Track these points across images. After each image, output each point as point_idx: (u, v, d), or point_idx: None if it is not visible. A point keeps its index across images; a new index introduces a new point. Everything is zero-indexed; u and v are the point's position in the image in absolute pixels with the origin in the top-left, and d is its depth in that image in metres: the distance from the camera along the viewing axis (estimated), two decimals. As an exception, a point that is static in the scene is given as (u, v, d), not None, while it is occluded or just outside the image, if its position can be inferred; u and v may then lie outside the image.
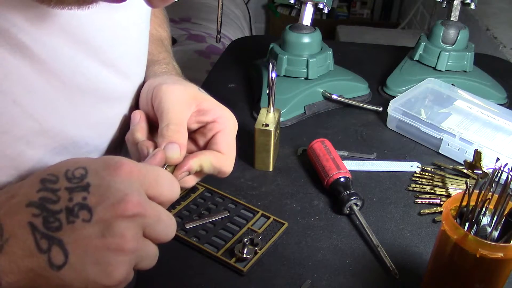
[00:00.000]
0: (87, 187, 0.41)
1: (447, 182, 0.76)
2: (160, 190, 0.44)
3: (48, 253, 0.40)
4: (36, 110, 0.48)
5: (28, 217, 0.40)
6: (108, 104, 0.57)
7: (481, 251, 0.49)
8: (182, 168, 0.52)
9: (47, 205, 0.40)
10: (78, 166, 0.42)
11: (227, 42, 1.82)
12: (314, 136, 0.80)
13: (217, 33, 0.91)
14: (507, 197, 0.51)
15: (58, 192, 0.41)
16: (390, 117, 0.88)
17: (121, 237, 0.40)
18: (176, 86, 0.56)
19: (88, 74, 0.53)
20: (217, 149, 0.55)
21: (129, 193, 0.41)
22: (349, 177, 0.72)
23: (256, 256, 0.62)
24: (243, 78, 1.03)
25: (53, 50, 0.48)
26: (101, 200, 0.41)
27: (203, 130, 0.57)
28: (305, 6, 0.91)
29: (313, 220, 0.69)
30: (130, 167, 0.42)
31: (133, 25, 0.58)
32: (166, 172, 0.46)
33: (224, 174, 0.56)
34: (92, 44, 0.52)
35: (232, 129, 0.57)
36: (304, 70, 0.91)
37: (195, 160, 0.53)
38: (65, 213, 0.40)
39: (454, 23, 0.98)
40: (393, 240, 0.66)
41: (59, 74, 0.49)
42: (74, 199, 0.41)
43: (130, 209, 0.40)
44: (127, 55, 0.57)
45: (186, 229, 0.65)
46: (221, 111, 0.57)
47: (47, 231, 0.40)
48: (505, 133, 0.83)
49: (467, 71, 0.99)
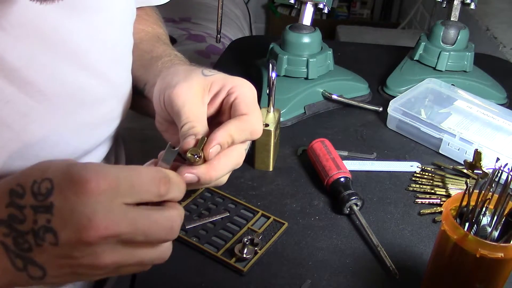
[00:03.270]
0: (51, 208, 0.39)
1: (447, 182, 0.76)
2: (137, 196, 0.41)
3: (25, 271, 0.40)
4: (12, 120, 0.48)
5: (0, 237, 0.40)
6: (88, 108, 0.55)
7: (481, 251, 0.49)
8: (211, 143, 0.48)
9: (15, 225, 0.40)
10: (45, 178, 0.40)
11: (227, 42, 1.82)
12: (314, 136, 0.80)
13: (217, 33, 0.91)
14: (507, 197, 0.51)
15: (24, 210, 0.40)
16: (390, 117, 0.88)
17: (92, 257, 0.39)
18: (183, 86, 0.52)
19: (65, 79, 0.51)
20: (239, 113, 0.52)
21: (93, 218, 0.38)
22: (349, 177, 0.72)
23: (256, 256, 0.62)
24: (243, 78, 1.03)
25: (26, 57, 0.46)
26: (65, 224, 0.39)
27: (224, 109, 0.54)
28: (305, 6, 0.91)
29: (313, 220, 0.69)
30: (96, 184, 0.38)
31: (110, 27, 0.57)
32: (142, 173, 0.41)
33: (256, 134, 0.52)
34: (67, 48, 0.51)
35: (248, 91, 0.54)
36: (304, 70, 0.90)
37: (221, 131, 0.49)
38: (32, 235, 0.39)
39: (454, 23, 0.98)
40: (393, 240, 0.66)
41: (34, 82, 0.48)
42: (39, 222, 0.39)
43: (94, 234, 0.38)
44: (105, 57, 0.56)
45: (186, 229, 0.65)
46: (232, 82, 0.54)
47: (20, 251, 0.40)
48: (505, 133, 0.83)
49: (467, 71, 0.99)
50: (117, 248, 0.40)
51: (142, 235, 0.40)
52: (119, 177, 0.40)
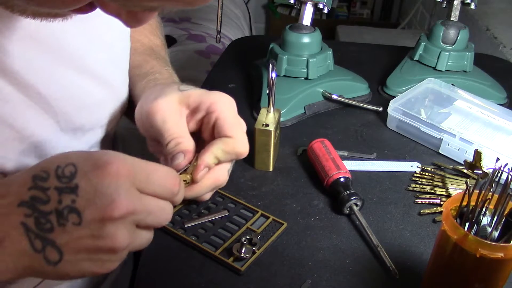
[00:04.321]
0: (76, 189, 0.41)
1: (447, 182, 0.76)
2: (152, 187, 0.44)
3: (43, 252, 0.41)
4: (13, 119, 0.48)
5: (20, 218, 0.41)
6: (87, 110, 0.56)
7: (481, 251, 0.49)
8: (199, 168, 0.52)
9: (38, 205, 0.41)
10: (68, 163, 0.42)
11: (227, 42, 1.82)
12: (314, 136, 0.80)
13: (217, 33, 0.91)
14: (507, 197, 0.51)
15: (48, 192, 0.41)
16: (390, 117, 0.88)
17: (111, 238, 0.41)
18: (159, 102, 0.54)
19: (64, 82, 0.52)
20: (223, 135, 0.54)
21: (116, 197, 0.41)
22: (349, 177, 0.72)
23: (254, 255, 0.62)
24: (243, 78, 1.03)
25: (26, 60, 0.47)
26: (89, 204, 0.41)
27: (205, 127, 0.57)
28: (305, 6, 0.91)
29: (313, 220, 0.69)
30: (118, 167, 0.42)
31: (107, 30, 0.57)
32: (159, 169, 0.45)
33: (242, 155, 0.55)
34: (65, 51, 0.51)
35: (228, 108, 0.56)
36: (304, 70, 0.90)
37: (207, 154, 0.52)
38: (55, 215, 0.41)
39: (454, 23, 0.98)
40: (393, 240, 0.66)
41: (34, 84, 0.49)
42: (64, 202, 0.41)
43: (118, 212, 0.41)
44: (102, 60, 0.56)
45: (185, 228, 0.65)
46: (209, 98, 0.56)
47: (40, 232, 0.41)
48: (505, 133, 0.83)
49: (467, 71, 0.99)
50: (131, 229, 0.43)
51: (153, 217, 0.44)
52: (135, 166, 0.43)
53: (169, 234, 0.64)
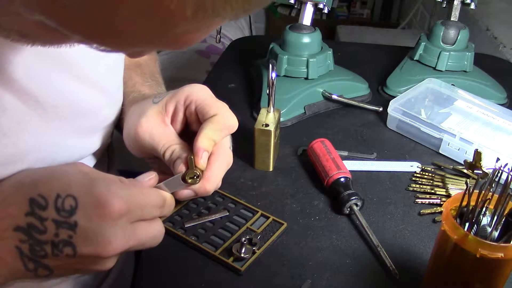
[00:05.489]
0: (74, 226, 0.43)
1: (447, 182, 0.76)
2: (142, 215, 0.47)
3: (35, 271, 0.43)
4: (7, 128, 0.48)
5: (15, 242, 0.42)
6: (83, 116, 0.56)
7: (481, 251, 0.49)
8: (198, 154, 0.52)
9: (34, 233, 0.42)
10: (68, 194, 0.43)
11: (227, 42, 1.82)
12: (314, 136, 0.80)
13: (217, 33, 0.91)
14: (507, 197, 0.51)
15: (45, 222, 0.43)
16: (390, 117, 0.88)
17: (101, 265, 0.45)
18: (141, 122, 0.56)
19: (61, 89, 0.52)
20: (208, 116, 0.55)
21: (113, 239, 0.43)
22: (349, 177, 0.72)
23: (254, 255, 0.62)
24: (243, 78, 1.03)
25: (26, 68, 0.47)
26: (85, 241, 0.43)
27: (191, 120, 0.58)
28: (305, 6, 0.91)
29: (313, 220, 0.69)
30: (119, 208, 0.44)
31: None
32: (150, 198, 0.48)
33: (233, 128, 0.56)
34: (64, 59, 0.51)
35: (203, 93, 0.56)
36: (304, 70, 0.90)
37: (200, 138, 0.53)
38: (50, 245, 0.43)
39: (454, 23, 0.98)
40: (393, 240, 0.66)
41: (33, 92, 0.49)
42: (60, 235, 0.43)
43: (113, 252, 0.44)
44: (99, 67, 0.57)
45: (185, 228, 0.65)
46: (183, 94, 0.57)
47: (34, 257, 0.43)
48: (505, 133, 0.83)
49: (467, 71, 0.99)
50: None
51: (143, 246, 0.48)
52: (132, 201, 0.45)
53: (169, 234, 0.64)
